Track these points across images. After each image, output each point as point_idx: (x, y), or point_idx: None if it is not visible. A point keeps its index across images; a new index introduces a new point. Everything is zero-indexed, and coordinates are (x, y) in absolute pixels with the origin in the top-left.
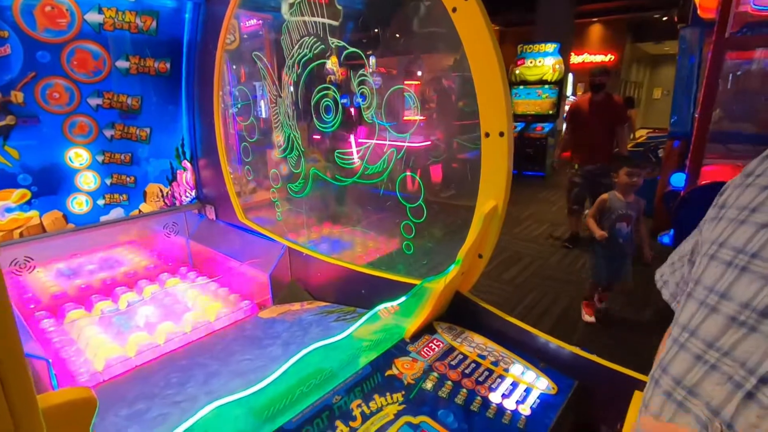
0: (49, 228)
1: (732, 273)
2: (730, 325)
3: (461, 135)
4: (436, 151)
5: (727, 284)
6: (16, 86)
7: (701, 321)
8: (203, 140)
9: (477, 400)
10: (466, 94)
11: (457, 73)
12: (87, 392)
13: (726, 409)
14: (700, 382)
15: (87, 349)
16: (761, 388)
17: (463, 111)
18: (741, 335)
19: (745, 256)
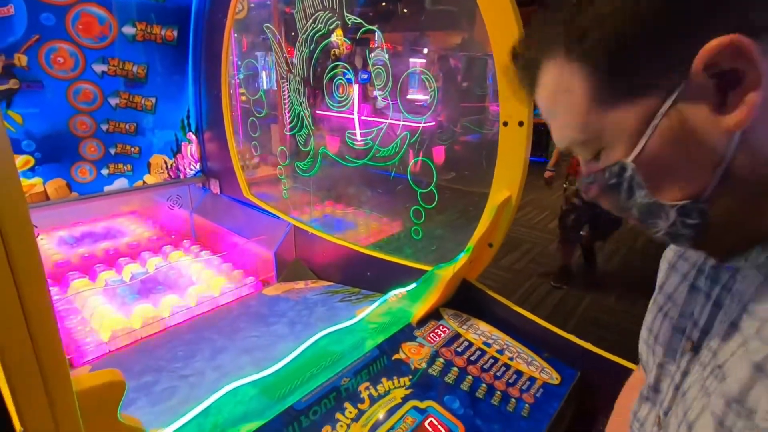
0: (52, 196)
1: (665, 325)
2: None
3: (474, 116)
4: (449, 133)
5: (664, 337)
6: (20, 49)
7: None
8: (209, 112)
9: (482, 387)
10: (470, 76)
11: (463, 53)
12: (117, 375)
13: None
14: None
15: (92, 319)
16: None
17: (477, 93)
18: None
19: (668, 302)
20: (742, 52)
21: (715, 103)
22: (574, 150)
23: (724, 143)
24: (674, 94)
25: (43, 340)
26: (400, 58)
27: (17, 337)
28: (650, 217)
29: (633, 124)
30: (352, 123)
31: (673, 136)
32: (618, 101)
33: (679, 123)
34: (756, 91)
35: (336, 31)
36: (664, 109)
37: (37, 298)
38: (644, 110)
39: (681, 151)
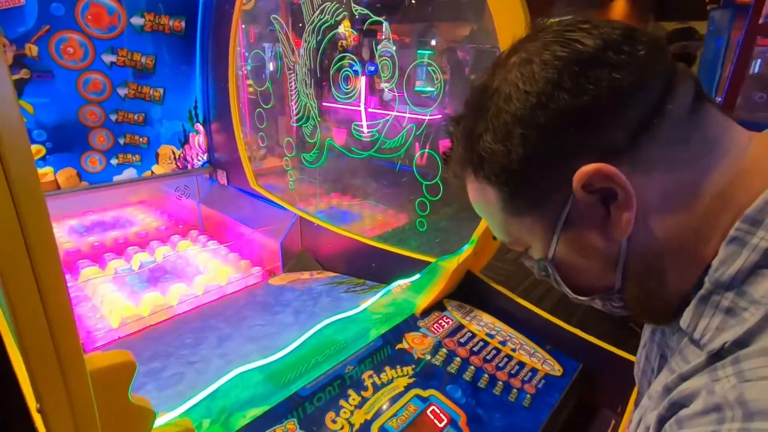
0: (63, 185)
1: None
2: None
3: None
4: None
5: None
6: (31, 39)
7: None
8: (216, 103)
9: (484, 378)
10: (479, 68)
11: (472, 45)
12: (127, 356)
13: None
14: None
15: (102, 306)
16: None
17: None
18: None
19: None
20: (607, 177)
21: (600, 214)
22: (508, 246)
23: (615, 249)
24: (565, 209)
25: (58, 321)
26: (407, 49)
27: (34, 319)
28: (585, 301)
29: (541, 232)
30: (359, 115)
31: (574, 245)
32: (524, 213)
33: (576, 235)
34: (628, 210)
35: (343, 22)
36: (560, 223)
37: (52, 280)
38: (546, 221)
39: (584, 257)
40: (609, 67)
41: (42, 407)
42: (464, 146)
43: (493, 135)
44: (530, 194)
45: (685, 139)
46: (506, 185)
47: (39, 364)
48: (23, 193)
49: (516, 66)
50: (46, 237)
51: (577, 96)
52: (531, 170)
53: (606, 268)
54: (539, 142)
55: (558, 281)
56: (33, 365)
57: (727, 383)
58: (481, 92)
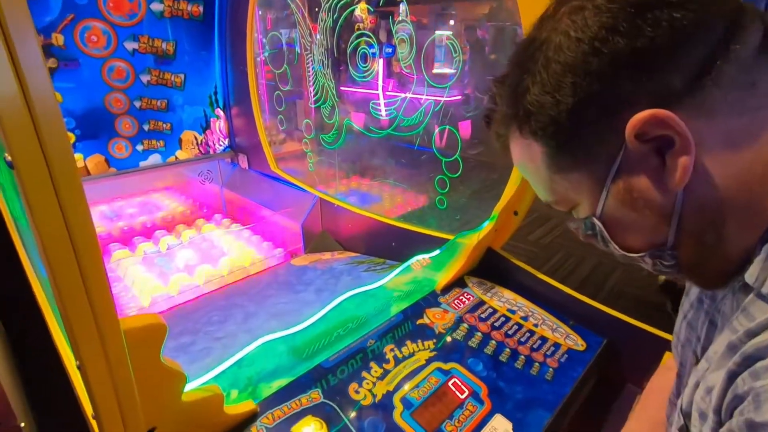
0: (92, 171)
1: (683, 332)
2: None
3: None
4: (475, 106)
5: (681, 345)
6: (57, 28)
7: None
8: (236, 88)
9: (506, 352)
10: (499, 47)
11: (491, 23)
12: (158, 319)
13: None
14: None
15: (133, 286)
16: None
17: (499, 62)
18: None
19: (687, 315)
20: (663, 122)
21: (655, 165)
22: (556, 208)
23: (671, 201)
24: (616, 161)
25: (94, 286)
26: (425, 30)
27: (73, 285)
28: (632, 262)
29: (590, 188)
30: (377, 95)
31: (625, 198)
32: (571, 169)
33: (627, 186)
34: (687, 155)
35: (360, 4)
36: (611, 176)
37: (86, 243)
38: (596, 176)
39: (635, 210)
40: (668, 6)
41: (81, 364)
42: (509, 103)
43: (542, 86)
44: (579, 147)
45: (752, 83)
46: (553, 139)
47: (78, 326)
48: (63, 177)
49: (566, 15)
50: (81, 210)
51: (633, 38)
52: (581, 121)
53: (659, 222)
54: (591, 91)
55: (606, 239)
56: (73, 326)
57: None
58: (528, 45)
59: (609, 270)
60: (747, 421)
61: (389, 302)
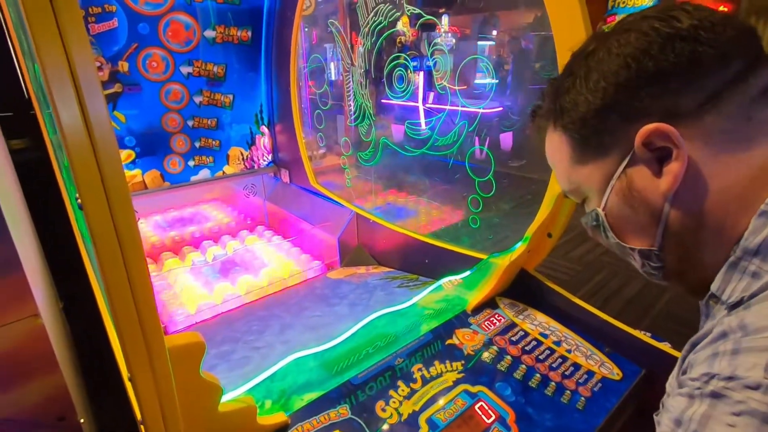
0: (149, 185)
1: None
2: None
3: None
4: (509, 119)
5: None
6: (123, 56)
7: None
8: (279, 106)
9: (536, 377)
10: (543, 56)
11: (535, 32)
12: (198, 337)
13: None
14: None
15: (181, 293)
16: None
17: (541, 75)
18: None
19: None
20: (666, 135)
21: (653, 170)
22: (569, 196)
23: (660, 203)
24: (624, 161)
25: (144, 310)
26: (467, 41)
27: (126, 308)
28: (625, 257)
29: (598, 182)
30: (412, 113)
31: (625, 195)
32: (587, 163)
33: (629, 184)
34: (680, 167)
35: (402, 18)
36: (617, 173)
37: (139, 275)
38: (606, 171)
39: (631, 207)
40: (694, 42)
41: (132, 376)
42: (551, 100)
43: (579, 88)
44: (597, 145)
45: (749, 117)
46: (578, 134)
47: (130, 343)
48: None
49: (615, 35)
50: (135, 245)
51: (659, 61)
52: (603, 122)
53: (650, 222)
54: (616, 98)
55: (606, 229)
56: (126, 343)
57: (734, 319)
58: (579, 54)
59: (658, 292)
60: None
61: (419, 321)
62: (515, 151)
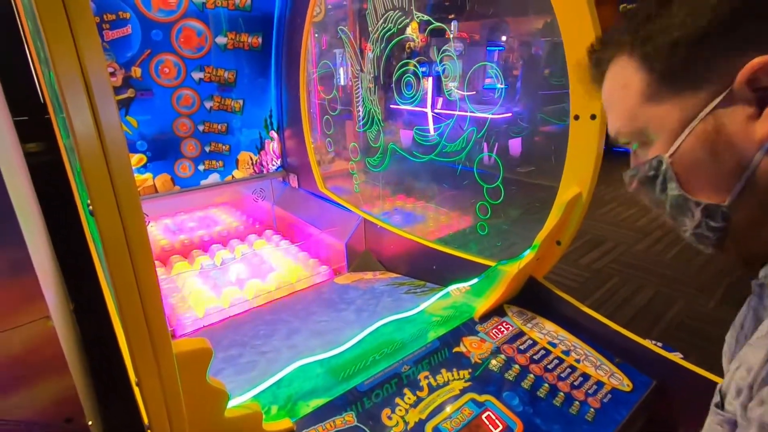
0: (160, 189)
1: None
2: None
3: (547, 107)
4: (518, 125)
5: None
6: (136, 62)
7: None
8: (289, 112)
9: (544, 387)
10: (553, 63)
11: (546, 38)
12: (205, 343)
13: None
14: None
15: (190, 297)
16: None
17: (550, 81)
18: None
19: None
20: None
21: (751, 114)
22: (621, 140)
23: (752, 151)
24: (716, 101)
25: (152, 316)
26: (476, 47)
27: (135, 315)
28: (679, 214)
29: (674, 123)
30: (420, 119)
31: (708, 139)
32: (664, 100)
33: (715, 127)
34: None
35: (411, 24)
36: (704, 113)
37: (148, 282)
38: (686, 111)
39: (712, 154)
40: None
41: (139, 381)
42: (629, 28)
43: (675, 11)
44: (685, 78)
45: None
46: (664, 63)
47: (138, 348)
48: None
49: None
50: (144, 252)
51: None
52: (698, 51)
53: (730, 173)
54: (722, 23)
55: (668, 178)
56: (134, 349)
57: None
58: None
59: (669, 301)
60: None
61: (426, 328)
62: (524, 157)
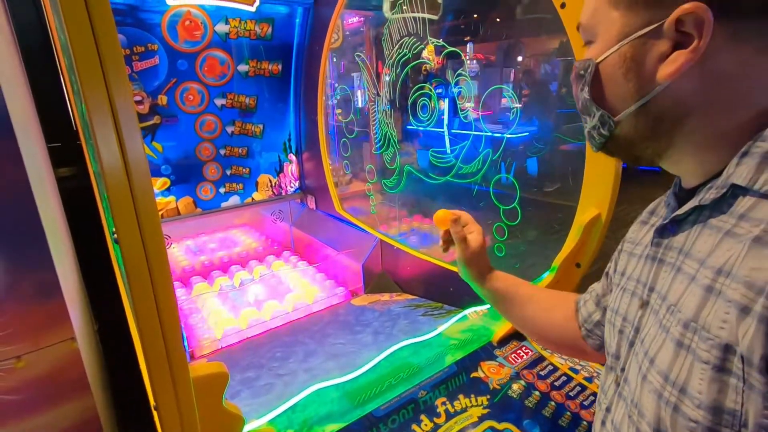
0: (182, 211)
1: (625, 297)
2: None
3: (564, 125)
4: (534, 146)
5: (624, 307)
6: (162, 91)
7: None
8: (307, 135)
9: (566, 416)
10: (569, 82)
11: (561, 58)
12: (222, 368)
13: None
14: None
15: (209, 318)
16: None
17: (567, 101)
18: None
19: (628, 280)
20: (701, 22)
21: (665, 52)
22: (581, 34)
23: (652, 85)
24: (648, 29)
25: (171, 340)
26: (492, 68)
27: (155, 338)
28: (585, 113)
29: (613, 34)
30: (436, 141)
31: (626, 61)
32: (619, 8)
33: (636, 53)
34: (688, 61)
35: (427, 47)
36: (633, 36)
37: (168, 309)
38: (626, 28)
39: (625, 75)
40: None
41: (157, 405)
42: None
43: None
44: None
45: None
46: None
47: (156, 372)
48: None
49: None
50: (165, 281)
51: None
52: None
53: (628, 98)
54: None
55: (586, 82)
56: (152, 373)
57: None
58: None
59: None
60: None
61: (444, 351)
62: (541, 177)
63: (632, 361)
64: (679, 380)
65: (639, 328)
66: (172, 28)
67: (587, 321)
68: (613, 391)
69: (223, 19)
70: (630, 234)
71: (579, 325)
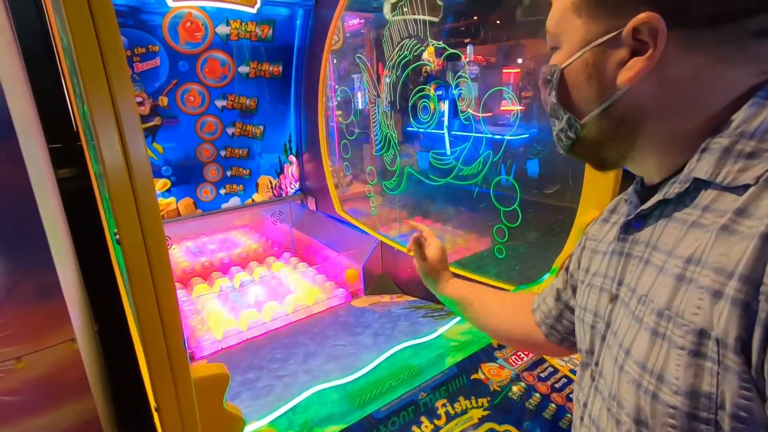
0: (183, 212)
1: (593, 293)
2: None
3: None
4: (534, 148)
5: (593, 303)
6: (163, 92)
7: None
8: (307, 137)
9: (567, 418)
10: None
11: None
12: (222, 369)
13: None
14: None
15: (209, 319)
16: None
17: None
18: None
19: (594, 277)
20: (655, 32)
21: (623, 59)
22: (548, 41)
23: (613, 90)
24: (607, 36)
25: (172, 341)
26: (493, 69)
27: (156, 339)
28: (553, 116)
29: (577, 41)
30: (436, 143)
31: (588, 67)
32: (582, 17)
33: (597, 60)
34: (644, 68)
35: (428, 49)
36: (594, 44)
37: (169, 310)
38: (589, 35)
39: (588, 80)
40: None
41: (158, 406)
42: None
43: None
44: (602, 6)
45: (740, 48)
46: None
47: (157, 373)
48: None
49: None
50: (167, 282)
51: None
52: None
53: (592, 102)
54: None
55: (553, 87)
56: (153, 374)
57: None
58: None
59: None
60: None
61: (444, 353)
62: (541, 179)
63: (606, 354)
64: (656, 368)
65: (610, 322)
66: (173, 29)
67: (548, 317)
68: (589, 385)
69: (224, 20)
70: (592, 232)
71: (538, 324)
